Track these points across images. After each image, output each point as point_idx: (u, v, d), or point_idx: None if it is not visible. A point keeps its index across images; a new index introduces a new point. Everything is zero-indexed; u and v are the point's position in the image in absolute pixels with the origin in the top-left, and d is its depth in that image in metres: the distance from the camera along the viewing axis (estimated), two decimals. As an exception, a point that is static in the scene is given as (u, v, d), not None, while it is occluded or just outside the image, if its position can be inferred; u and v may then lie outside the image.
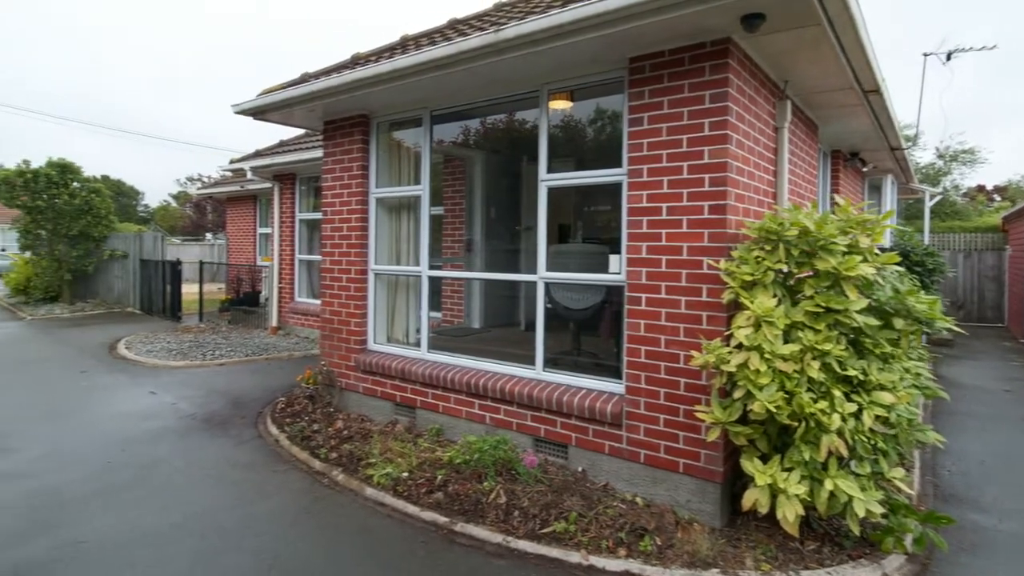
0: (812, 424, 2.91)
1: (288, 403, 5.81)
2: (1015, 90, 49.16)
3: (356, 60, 5.30)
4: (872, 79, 4.35)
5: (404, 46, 5.02)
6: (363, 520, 3.68)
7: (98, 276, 14.87)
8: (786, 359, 2.99)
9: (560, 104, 4.47)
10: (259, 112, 5.66)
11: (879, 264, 3.24)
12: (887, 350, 3.22)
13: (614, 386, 4.05)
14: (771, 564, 3.09)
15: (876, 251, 3.26)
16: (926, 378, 3.57)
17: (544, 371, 4.44)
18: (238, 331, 10.86)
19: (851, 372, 3.03)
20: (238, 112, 5.69)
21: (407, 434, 4.92)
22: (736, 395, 3.07)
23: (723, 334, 3.36)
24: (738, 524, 3.52)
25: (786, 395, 2.96)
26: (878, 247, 3.31)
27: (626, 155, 3.85)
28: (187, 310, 12.49)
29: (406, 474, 4.14)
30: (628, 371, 3.84)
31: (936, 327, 3.37)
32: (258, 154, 11.04)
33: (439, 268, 7.31)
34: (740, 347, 3.11)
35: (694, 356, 3.36)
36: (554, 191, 4.40)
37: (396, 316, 5.78)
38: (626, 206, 3.85)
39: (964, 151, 23.77)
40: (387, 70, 4.37)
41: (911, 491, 3.97)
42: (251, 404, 6.16)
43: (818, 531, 3.36)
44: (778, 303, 3.19)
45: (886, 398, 3.00)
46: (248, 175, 11.08)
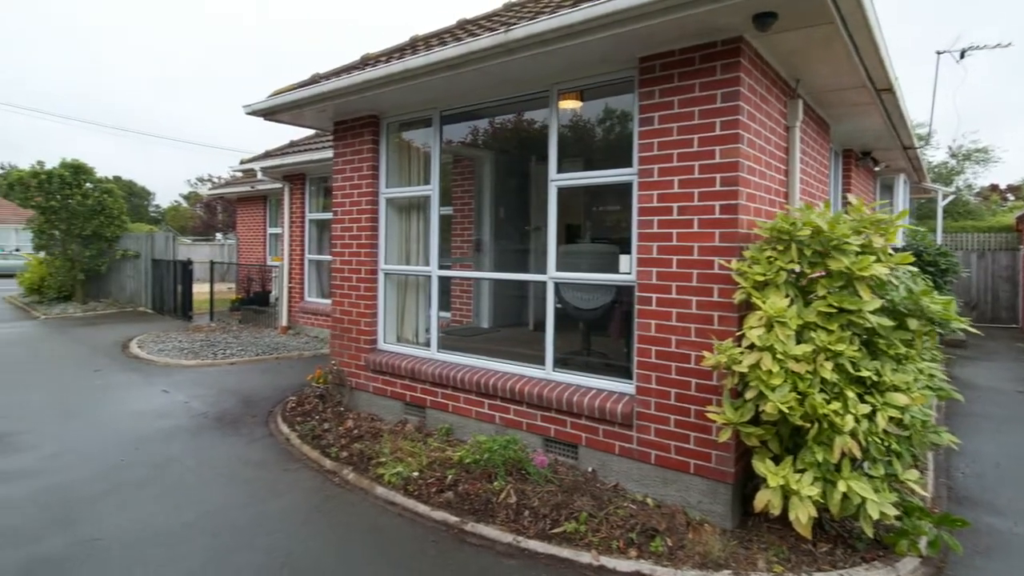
0: (825, 425, 2.89)
1: (299, 402, 5.85)
2: (1030, 88, 48.56)
3: (366, 61, 5.32)
4: (885, 78, 4.31)
5: (414, 47, 5.04)
6: (374, 519, 3.69)
7: (110, 276, 15.02)
8: (799, 360, 2.97)
9: (570, 104, 4.47)
10: (270, 113, 5.70)
11: (893, 264, 3.21)
12: (901, 351, 3.19)
13: (624, 386, 4.04)
14: (783, 566, 3.07)
15: (890, 251, 3.23)
16: (940, 379, 3.53)
17: (554, 371, 4.44)
18: (248, 330, 10.93)
19: (864, 373, 3.01)
20: (249, 113, 5.74)
21: (417, 433, 4.94)
22: (748, 396, 3.06)
23: (734, 334, 3.35)
24: (749, 525, 3.50)
25: (799, 396, 2.94)
26: (891, 247, 3.28)
27: (636, 155, 3.85)
28: (198, 309, 12.59)
29: (416, 473, 4.16)
30: (638, 371, 3.83)
31: (951, 328, 3.34)
32: (268, 155, 11.12)
33: (448, 268, 7.33)
34: (752, 347, 3.09)
35: (705, 356, 3.34)
36: (563, 191, 4.40)
37: (406, 316, 5.80)
38: (636, 206, 3.84)
39: (977, 150, 23.52)
40: (398, 70, 4.38)
41: (925, 493, 3.93)
42: (262, 403, 6.20)
43: (831, 533, 3.33)
44: (790, 303, 3.17)
45: (900, 399, 2.97)
46: (258, 175, 11.16)
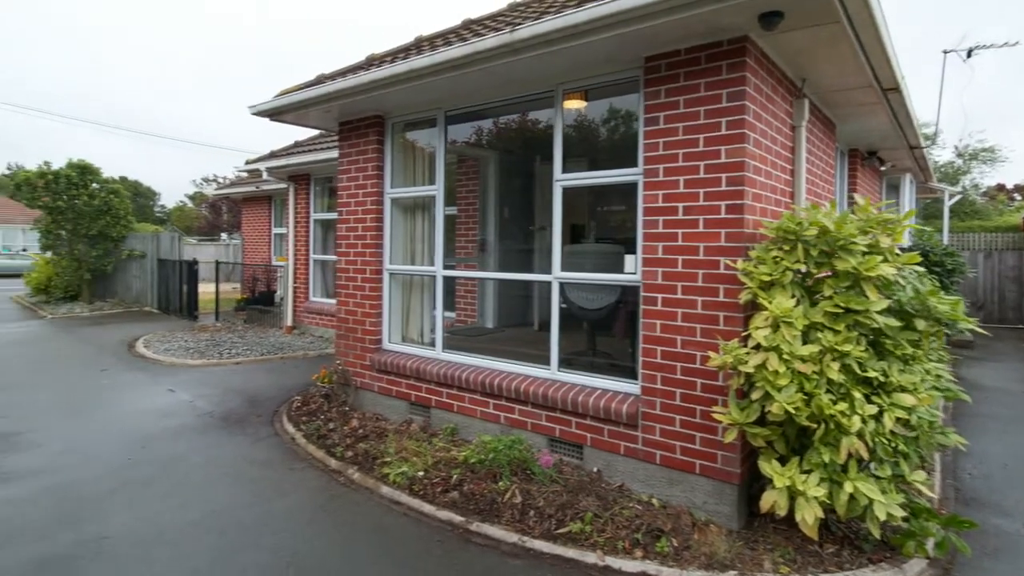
0: (832, 426, 2.88)
1: (304, 402, 5.86)
2: (1037, 88, 48.21)
3: (371, 61, 5.33)
4: (891, 77, 4.29)
5: (419, 47, 5.05)
6: (379, 518, 3.70)
7: (116, 276, 15.10)
8: (805, 360, 2.96)
9: (575, 104, 4.47)
10: (275, 113, 5.72)
11: (900, 264, 3.19)
12: (908, 351, 3.18)
13: (629, 386, 4.04)
14: (789, 567, 3.06)
15: (896, 251, 3.22)
16: (947, 380, 3.51)
17: (559, 371, 4.44)
18: (254, 330, 10.97)
19: (871, 373, 3.00)
20: (255, 113, 5.76)
21: (422, 433, 4.95)
22: (754, 396, 3.05)
23: (740, 335, 3.34)
24: (755, 526, 3.49)
25: (805, 396, 2.93)
26: (898, 247, 3.27)
27: (642, 155, 3.84)
28: (203, 309, 12.64)
29: (421, 473, 4.16)
30: (644, 371, 3.83)
31: (958, 328, 3.32)
32: (273, 155, 11.17)
33: (453, 268, 7.34)
34: (758, 348, 3.08)
35: (711, 357, 3.34)
36: (568, 191, 4.39)
37: (410, 316, 5.81)
38: (642, 206, 3.83)
39: (984, 150, 23.43)
40: (404, 70, 4.39)
41: (932, 494, 3.92)
42: (267, 402, 6.22)
43: (837, 534, 3.32)
44: (797, 303, 3.16)
45: (907, 400, 2.96)
46: (264, 176, 11.19)
